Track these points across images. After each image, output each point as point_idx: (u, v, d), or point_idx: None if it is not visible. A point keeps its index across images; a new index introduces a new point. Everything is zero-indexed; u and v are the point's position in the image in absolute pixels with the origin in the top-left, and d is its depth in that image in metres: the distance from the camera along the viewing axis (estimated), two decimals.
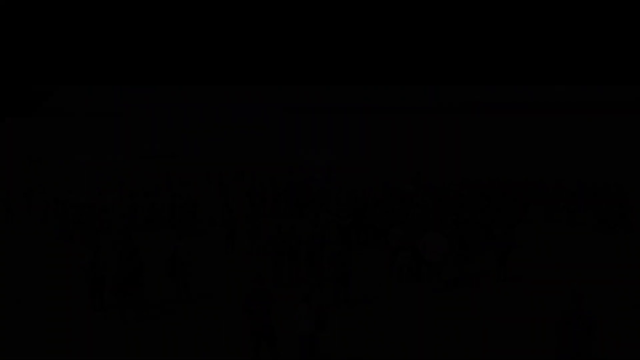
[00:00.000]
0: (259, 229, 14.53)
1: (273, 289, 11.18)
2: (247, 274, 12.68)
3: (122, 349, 8.45)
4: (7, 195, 19.70)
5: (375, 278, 12.36)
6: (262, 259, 14.04)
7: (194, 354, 8.26)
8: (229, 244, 14.77)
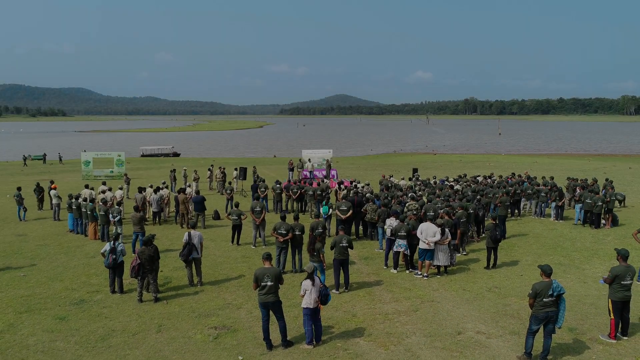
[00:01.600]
0: (264, 220, 15.38)
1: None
2: (254, 261, 13.58)
3: (138, 325, 9.35)
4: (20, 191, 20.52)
5: (372, 265, 13.28)
6: (267, 247, 14.93)
7: (207, 331, 9.14)
8: (234, 235, 15.64)
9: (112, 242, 11.02)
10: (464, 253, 14.36)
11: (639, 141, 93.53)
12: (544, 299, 7.48)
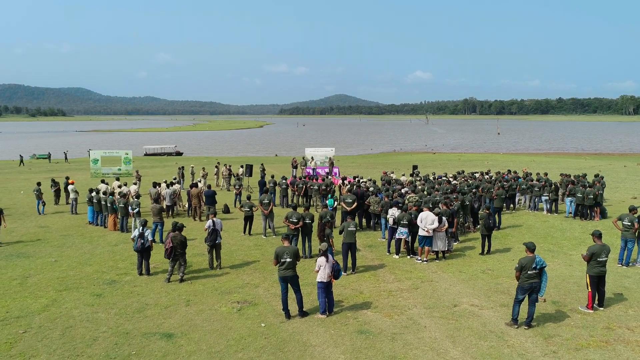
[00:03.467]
0: (272, 211, 16.45)
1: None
2: (266, 249, 14.66)
3: (169, 300, 10.43)
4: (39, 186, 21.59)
5: (376, 252, 14.39)
6: (277, 237, 16.00)
7: (231, 304, 10.23)
8: (246, 226, 16.72)
9: (140, 229, 12.12)
10: (458, 241, 15.42)
11: (638, 141, 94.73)
12: (529, 272, 8.58)
